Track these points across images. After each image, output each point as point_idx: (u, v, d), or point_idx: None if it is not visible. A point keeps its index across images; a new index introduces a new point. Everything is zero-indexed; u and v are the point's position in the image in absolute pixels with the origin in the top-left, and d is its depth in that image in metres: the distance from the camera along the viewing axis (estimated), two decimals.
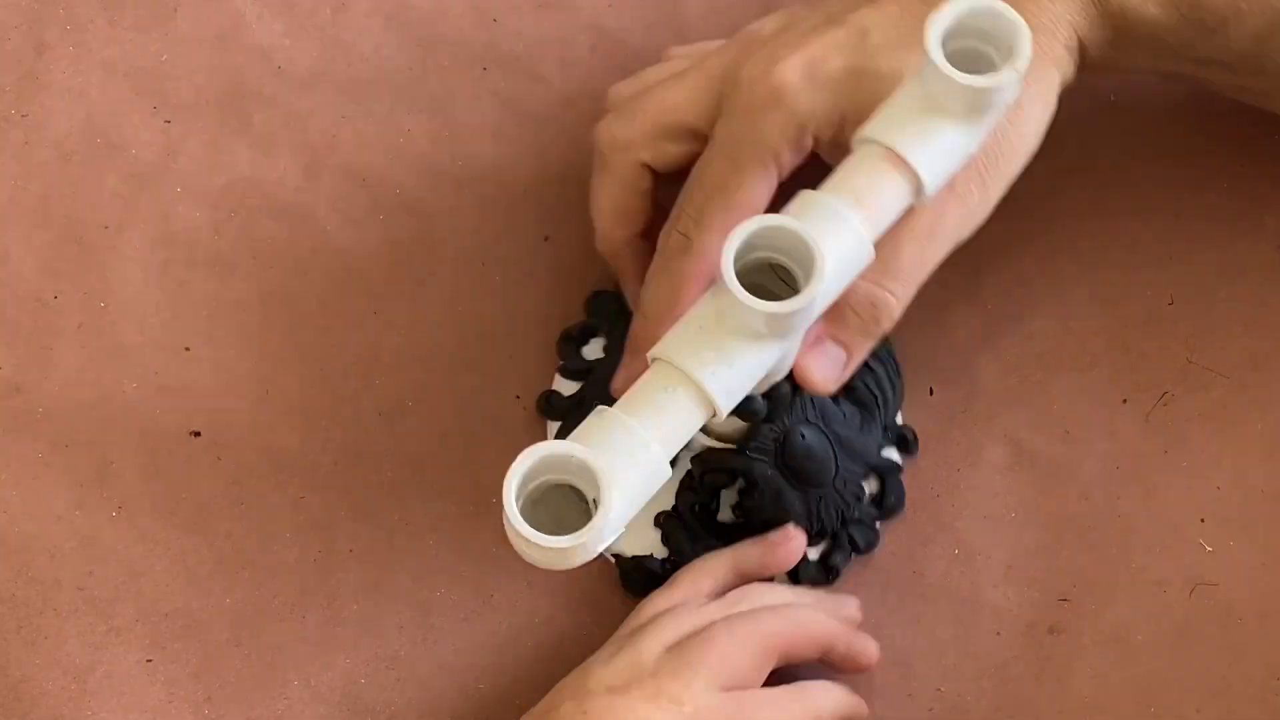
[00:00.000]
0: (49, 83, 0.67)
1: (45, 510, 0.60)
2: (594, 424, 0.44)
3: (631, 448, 0.42)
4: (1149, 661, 0.58)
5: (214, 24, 0.68)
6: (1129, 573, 0.59)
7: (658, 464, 0.43)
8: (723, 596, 0.54)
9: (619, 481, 0.41)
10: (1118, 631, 0.58)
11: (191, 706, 0.58)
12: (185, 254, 0.64)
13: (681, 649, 0.49)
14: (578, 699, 0.48)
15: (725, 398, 0.44)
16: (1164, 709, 0.58)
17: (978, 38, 0.45)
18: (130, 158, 0.66)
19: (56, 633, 0.58)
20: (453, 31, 0.68)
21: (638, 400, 0.44)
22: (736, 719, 0.48)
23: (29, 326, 0.63)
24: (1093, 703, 0.58)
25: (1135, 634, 0.58)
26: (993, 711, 0.58)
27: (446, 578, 0.60)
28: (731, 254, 0.42)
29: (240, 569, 0.59)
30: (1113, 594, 0.59)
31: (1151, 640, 0.59)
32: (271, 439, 0.61)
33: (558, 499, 0.43)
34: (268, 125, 0.67)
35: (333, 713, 0.58)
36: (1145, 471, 0.60)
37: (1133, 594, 0.59)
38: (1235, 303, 0.64)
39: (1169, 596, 0.59)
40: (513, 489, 0.42)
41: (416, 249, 0.65)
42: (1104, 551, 0.60)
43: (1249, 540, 0.60)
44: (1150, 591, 0.59)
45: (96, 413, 0.62)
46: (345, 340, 0.63)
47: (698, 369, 0.43)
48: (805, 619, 0.53)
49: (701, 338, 0.44)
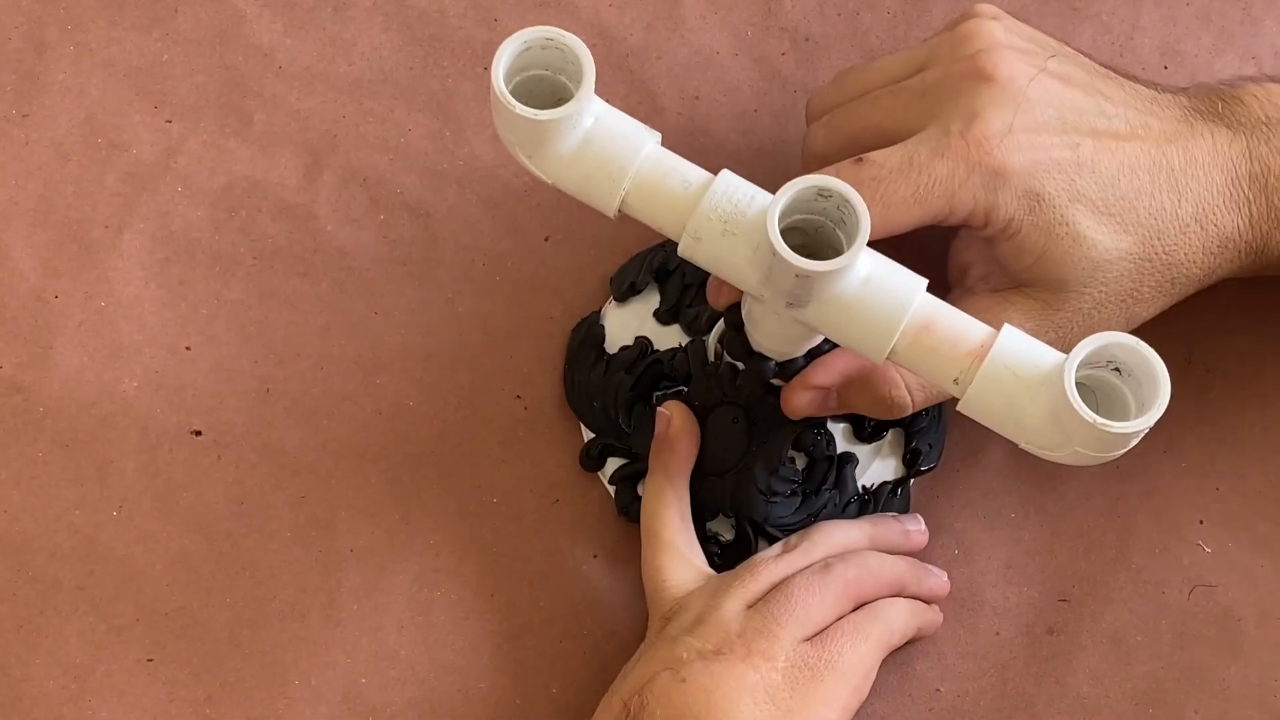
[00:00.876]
0: (49, 82, 0.66)
1: (45, 509, 0.60)
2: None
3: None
4: (1148, 662, 0.58)
5: (214, 24, 0.68)
6: (1128, 573, 0.59)
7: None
8: (793, 545, 0.55)
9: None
10: (1117, 632, 0.58)
11: (192, 706, 0.58)
12: (185, 253, 0.64)
13: (764, 607, 0.51)
14: (673, 668, 0.49)
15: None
16: (1162, 710, 0.58)
17: (1107, 366, 0.45)
18: (130, 157, 0.66)
19: (57, 632, 0.59)
20: (453, 31, 0.68)
21: None
22: (823, 661, 0.49)
23: (29, 325, 0.63)
24: (1091, 703, 0.57)
25: (1134, 634, 0.58)
26: (992, 711, 0.58)
27: (446, 577, 0.60)
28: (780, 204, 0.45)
29: (240, 569, 0.59)
30: (1111, 594, 0.59)
31: (1150, 641, 0.59)
32: (272, 438, 0.61)
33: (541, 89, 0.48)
34: (268, 125, 0.66)
35: (333, 712, 0.58)
36: (1144, 472, 0.60)
37: (1131, 595, 0.59)
38: (1233, 303, 0.63)
39: (1167, 597, 0.59)
40: (500, 69, 0.46)
41: (416, 249, 0.64)
42: (1103, 553, 0.59)
43: (1248, 541, 0.60)
44: (1149, 592, 0.59)
45: (96, 412, 0.61)
46: (345, 340, 0.62)
47: None
48: (876, 565, 0.54)
49: None
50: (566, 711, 0.59)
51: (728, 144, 0.67)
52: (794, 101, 0.67)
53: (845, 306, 0.46)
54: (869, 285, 0.46)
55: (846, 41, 0.68)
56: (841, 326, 0.47)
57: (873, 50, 0.68)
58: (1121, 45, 0.69)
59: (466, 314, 0.63)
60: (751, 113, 0.67)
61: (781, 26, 0.68)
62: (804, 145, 0.57)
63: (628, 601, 0.61)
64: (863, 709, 0.56)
